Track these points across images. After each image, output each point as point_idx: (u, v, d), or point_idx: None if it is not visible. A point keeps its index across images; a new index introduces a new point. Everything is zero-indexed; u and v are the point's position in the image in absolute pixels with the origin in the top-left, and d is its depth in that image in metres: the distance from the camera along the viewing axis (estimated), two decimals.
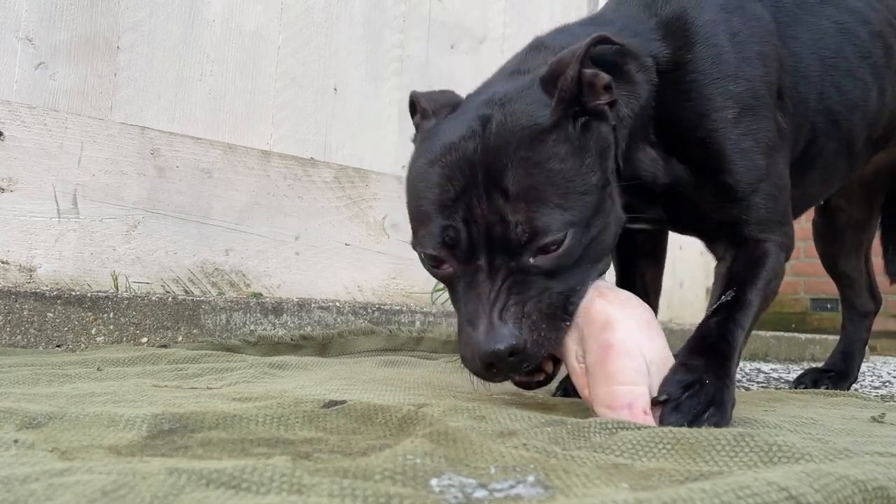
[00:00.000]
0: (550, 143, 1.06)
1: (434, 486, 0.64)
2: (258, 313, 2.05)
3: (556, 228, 1.02)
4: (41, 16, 2.08)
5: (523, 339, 1.00)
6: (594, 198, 1.08)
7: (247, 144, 2.45)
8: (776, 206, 1.30)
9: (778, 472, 0.66)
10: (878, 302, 2.18)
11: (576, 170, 1.07)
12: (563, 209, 1.04)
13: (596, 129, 1.13)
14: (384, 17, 2.82)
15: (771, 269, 1.28)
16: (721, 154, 1.26)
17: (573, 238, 1.04)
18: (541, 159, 1.05)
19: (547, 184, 1.04)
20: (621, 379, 1.00)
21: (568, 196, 1.05)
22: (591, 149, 1.11)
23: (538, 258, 1.04)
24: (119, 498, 0.56)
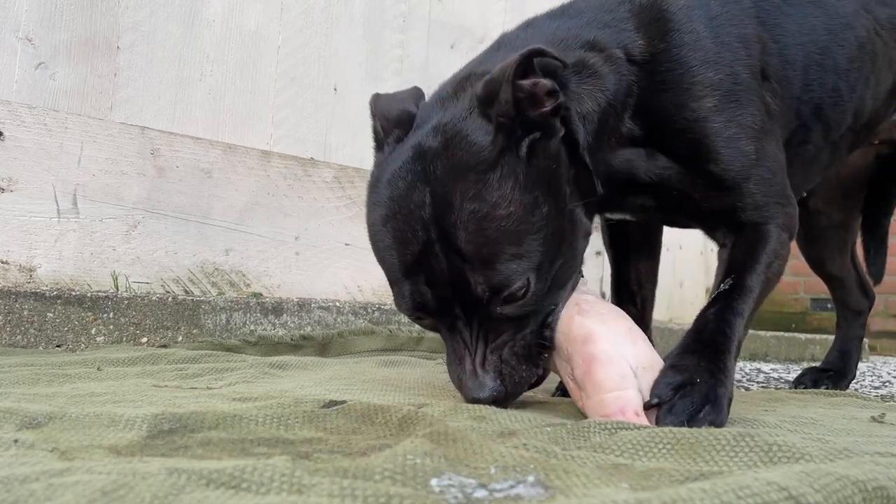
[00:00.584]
0: (496, 184, 1.03)
1: (434, 486, 0.64)
2: (258, 313, 2.05)
3: (515, 280, 1.03)
4: (41, 16, 2.08)
5: (502, 388, 1.06)
6: (551, 229, 1.06)
7: (247, 144, 2.45)
8: (771, 189, 1.27)
9: (778, 471, 0.66)
10: (871, 298, 2.19)
11: (527, 208, 1.04)
12: (520, 258, 1.03)
13: (542, 149, 1.08)
14: (384, 17, 2.83)
15: (771, 250, 1.25)
16: (704, 144, 1.23)
17: (536, 283, 1.05)
18: (488, 209, 1.02)
19: (499, 236, 1.03)
20: (608, 386, 1.02)
21: (522, 241, 1.04)
22: (542, 175, 1.07)
23: (505, 308, 1.05)
24: (119, 498, 0.56)
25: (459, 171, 1.04)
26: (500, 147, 1.05)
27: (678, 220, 1.44)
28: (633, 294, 1.60)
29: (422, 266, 1.06)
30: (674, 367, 1.07)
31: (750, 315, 1.20)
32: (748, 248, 1.26)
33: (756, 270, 1.22)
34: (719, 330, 1.14)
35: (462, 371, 1.08)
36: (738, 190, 1.25)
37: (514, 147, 1.06)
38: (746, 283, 1.20)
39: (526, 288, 1.04)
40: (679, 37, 1.24)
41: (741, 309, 1.17)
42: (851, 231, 2.13)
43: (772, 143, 1.30)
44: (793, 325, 5.18)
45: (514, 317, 1.07)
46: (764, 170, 1.26)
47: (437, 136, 1.08)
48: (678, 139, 1.24)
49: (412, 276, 1.08)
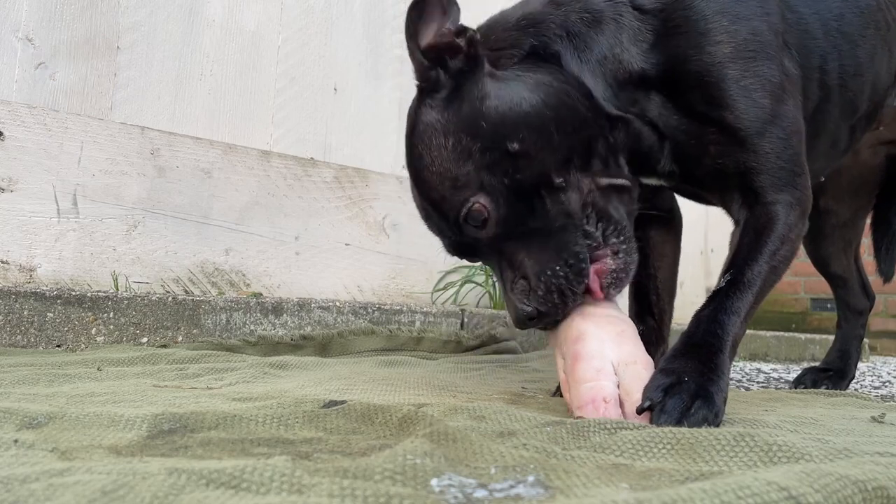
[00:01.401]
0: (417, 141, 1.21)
1: (434, 486, 0.64)
2: (258, 313, 2.05)
3: (461, 205, 1.15)
4: (41, 16, 2.08)
5: (532, 309, 1.13)
6: (485, 161, 1.14)
7: (247, 144, 2.45)
8: (786, 152, 1.23)
9: (778, 471, 0.66)
10: (872, 299, 2.20)
11: (450, 148, 1.16)
12: (461, 187, 1.15)
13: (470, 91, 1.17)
14: (384, 17, 2.82)
15: (778, 236, 1.22)
16: (719, 89, 1.21)
17: (489, 202, 1.15)
18: (422, 162, 1.20)
19: (439, 179, 1.17)
20: (583, 378, 1.07)
21: (457, 178, 1.15)
22: (464, 117, 1.16)
23: (483, 232, 1.16)
24: (119, 498, 0.56)
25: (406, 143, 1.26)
26: (417, 104, 1.23)
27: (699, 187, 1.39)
28: (650, 305, 1.56)
29: (434, 223, 1.23)
30: (663, 370, 1.07)
31: (749, 310, 1.19)
32: (753, 236, 1.23)
33: (758, 262, 1.21)
34: (710, 331, 1.14)
35: (505, 296, 1.19)
36: (751, 146, 1.22)
37: (429, 102, 1.21)
38: (745, 279, 1.19)
39: (482, 209, 1.15)
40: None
41: (736, 307, 1.16)
42: (858, 231, 2.13)
43: (790, 105, 1.27)
44: (793, 325, 5.18)
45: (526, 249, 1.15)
46: (780, 129, 1.23)
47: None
48: (693, 82, 1.23)
49: (437, 233, 1.24)
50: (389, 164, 2.81)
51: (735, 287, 1.18)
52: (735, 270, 1.21)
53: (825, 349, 3.59)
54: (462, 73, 1.19)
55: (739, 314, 1.16)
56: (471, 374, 1.63)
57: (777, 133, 1.23)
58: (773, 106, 1.23)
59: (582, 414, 1.04)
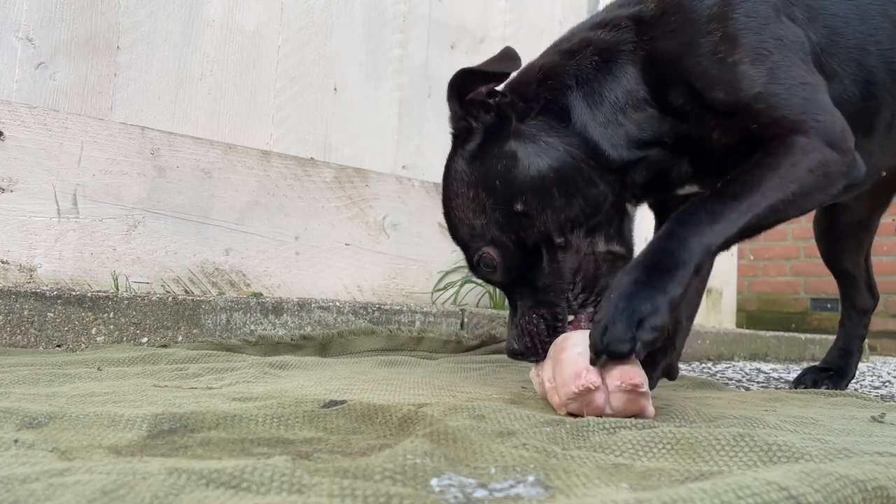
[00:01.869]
0: (451, 183, 1.32)
1: (434, 485, 0.64)
2: (258, 313, 2.05)
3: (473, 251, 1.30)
4: (41, 16, 2.08)
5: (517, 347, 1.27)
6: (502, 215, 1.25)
7: (247, 144, 2.45)
8: (792, 101, 1.18)
9: (778, 471, 0.66)
10: (877, 299, 2.20)
11: (469, 198, 1.29)
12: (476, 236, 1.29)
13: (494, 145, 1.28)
14: (384, 17, 2.82)
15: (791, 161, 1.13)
16: (708, 74, 1.21)
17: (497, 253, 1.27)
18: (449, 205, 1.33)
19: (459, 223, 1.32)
20: (568, 361, 1.11)
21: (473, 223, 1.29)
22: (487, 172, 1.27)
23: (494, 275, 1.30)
24: (119, 498, 0.56)
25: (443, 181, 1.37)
26: (453, 153, 1.33)
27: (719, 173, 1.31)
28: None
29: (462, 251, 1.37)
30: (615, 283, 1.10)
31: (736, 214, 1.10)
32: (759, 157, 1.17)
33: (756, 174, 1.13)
34: (669, 233, 1.09)
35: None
36: (747, 111, 1.19)
37: (461, 152, 1.31)
38: (730, 189, 1.12)
39: (493, 259, 1.27)
40: None
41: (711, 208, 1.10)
42: (871, 230, 2.13)
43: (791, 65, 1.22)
44: (793, 325, 5.18)
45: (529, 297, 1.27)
46: (775, 86, 1.19)
47: None
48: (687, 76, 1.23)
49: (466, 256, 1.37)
50: (389, 164, 2.81)
51: (716, 193, 1.12)
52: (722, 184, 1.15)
53: (825, 349, 3.59)
54: (492, 127, 1.29)
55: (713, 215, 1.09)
56: (471, 374, 1.63)
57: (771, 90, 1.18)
58: (761, 70, 1.20)
59: (565, 391, 1.08)
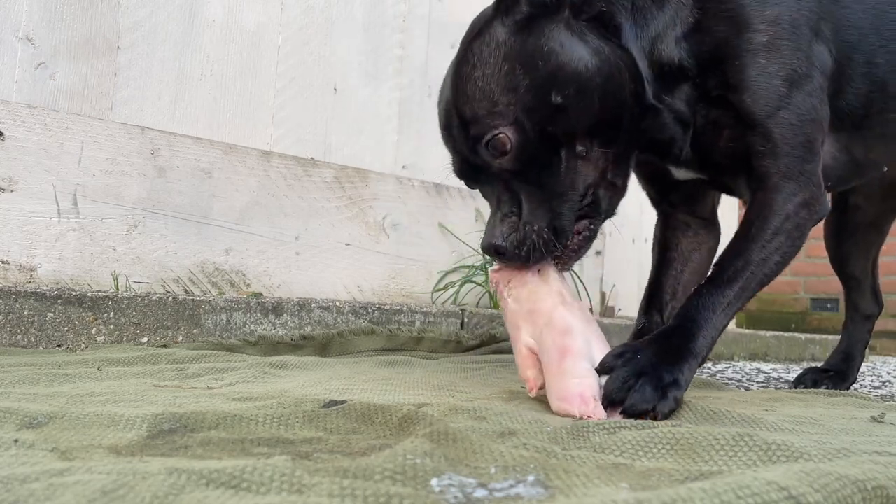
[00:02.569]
0: (476, 49, 1.20)
1: (434, 485, 0.64)
2: (258, 313, 2.05)
3: (488, 130, 1.17)
4: (41, 16, 2.08)
5: (505, 245, 1.18)
6: (532, 99, 1.16)
7: (247, 144, 2.45)
8: (797, 139, 1.26)
9: (778, 471, 0.66)
10: (881, 306, 2.18)
11: (502, 71, 1.17)
12: (493, 113, 1.17)
13: (540, 29, 1.18)
14: (384, 17, 2.82)
15: (772, 228, 1.25)
16: (744, 74, 1.26)
17: (515, 136, 1.16)
18: (469, 70, 1.19)
19: (477, 94, 1.18)
20: (573, 373, 1.09)
21: (497, 99, 1.16)
22: (528, 51, 1.17)
23: (498, 161, 1.18)
24: (119, 498, 0.56)
25: (460, 47, 1.25)
26: (491, 16, 1.22)
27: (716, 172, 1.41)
28: (662, 302, 1.57)
29: (453, 142, 1.24)
30: (625, 345, 1.14)
31: (729, 304, 1.21)
32: (747, 228, 1.27)
33: (743, 255, 1.24)
34: (679, 325, 1.18)
35: (488, 222, 1.23)
36: (761, 128, 1.25)
37: (504, 20, 1.20)
38: (726, 275, 1.22)
39: (508, 142, 1.16)
40: None
41: (711, 302, 1.20)
42: (882, 234, 2.11)
43: (811, 95, 1.29)
44: (793, 325, 5.18)
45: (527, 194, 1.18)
46: (793, 115, 1.26)
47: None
48: (723, 65, 1.26)
49: (452, 151, 1.26)
50: (389, 164, 2.81)
51: (713, 283, 1.22)
52: (718, 266, 1.25)
53: (825, 349, 3.59)
54: (544, 7, 1.20)
55: (714, 309, 1.19)
56: (471, 374, 1.63)
57: (789, 118, 1.26)
58: (790, 92, 1.26)
59: (564, 405, 1.08)
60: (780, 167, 1.26)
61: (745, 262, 1.23)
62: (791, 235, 1.27)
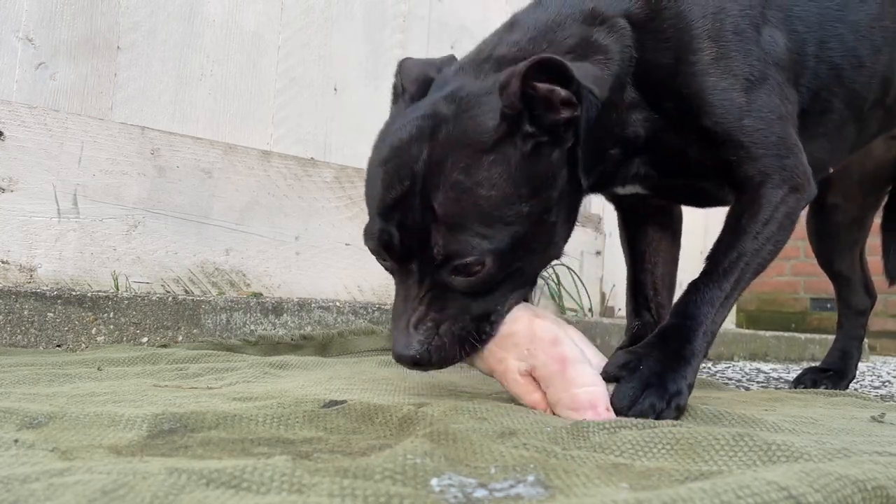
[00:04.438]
0: (486, 165, 1.07)
1: (434, 485, 0.64)
2: (258, 313, 2.05)
3: (471, 253, 1.06)
4: (41, 16, 2.08)
5: (427, 355, 1.09)
6: (524, 227, 1.09)
7: (247, 144, 2.45)
8: (768, 140, 1.24)
9: (777, 471, 0.66)
10: (874, 299, 2.17)
11: (507, 199, 1.07)
12: (484, 237, 1.06)
13: (546, 155, 1.10)
14: (384, 17, 2.82)
15: (761, 219, 1.24)
16: (700, 97, 1.22)
17: (492, 265, 1.07)
18: (472, 184, 1.06)
19: (472, 211, 1.06)
20: (581, 381, 1.07)
21: (492, 225, 1.06)
22: (535, 177, 1.09)
23: (456, 279, 1.08)
24: (119, 498, 0.56)
25: (459, 142, 1.08)
26: (501, 134, 1.08)
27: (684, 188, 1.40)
28: (648, 300, 1.57)
29: (398, 210, 1.09)
30: (627, 351, 1.13)
31: (727, 298, 1.20)
32: (735, 221, 1.26)
33: (736, 248, 1.22)
34: (678, 323, 1.17)
35: (396, 325, 1.11)
36: (729, 143, 1.23)
37: (516, 140, 1.09)
38: (721, 268, 1.21)
39: (480, 267, 1.07)
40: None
41: (708, 297, 1.19)
42: (865, 229, 2.10)
43: (771, 93, 1.27)
44: (793, 325, 5.18)
45: (462, 294, 1.10)
46: (756, 119, 1.24)
47: (452, 105, 1.12)
48: (676, 93, 1.23)
49: (386, 217, 1.11)
50: None
51: (709, 277, 1.21)
52: (712, 260, 1.24)
53: (825, 349, 3.58)
54: (556, 134, 1.11)
55: (712, 304, 1.18)
56: (471, 374, 1.63)
57: (754, 124, 1.24)
58: (749, 99, 1.24)
59: (577, 416, 1.05)
60: (758, 169, 1.25)
61: (738, 254, 1.22)
62: (782, 224, 1.26)
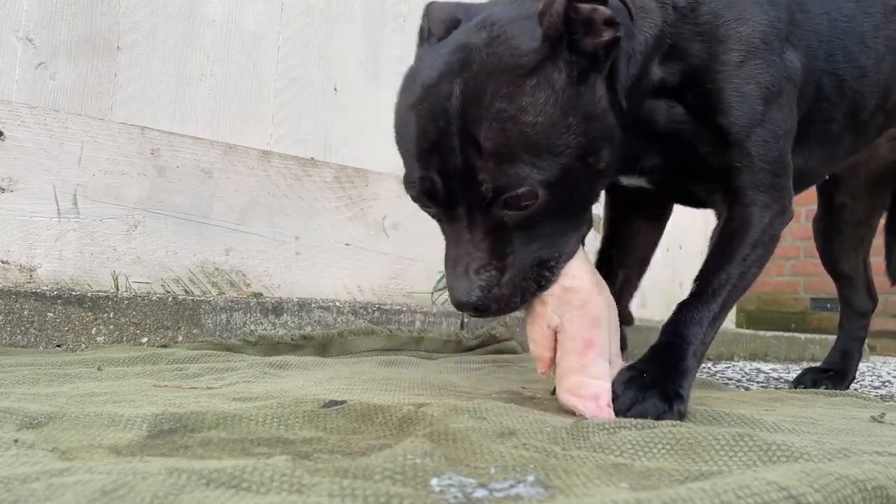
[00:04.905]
0: (529, 90, 1.02)
1: (434, 485, 0.64)
2: (258, 313, 2.05)
3: (522, 184, 1.02)
4: (41, 16, 2.08)
5: (488, 302, 1.06)
6: (571, 161, 1.05)
7: (247, 144, 2.45)
8: (770, 154, 1.28)
9: (777, 471, 0.66)
10: (875, 301, 2.18)
11: (555, 126, 1.03)
12: (534, 167, 1.02)
13: (591, 86, 1.06)
14: (384, 17, 2.82)
15: (750, 242, 1.28)
16: (721, 96, 1.26)
17: (544, 197, 1.04)
18: (516, 111, 1.01)
19: (520, 140, 1.01)
20: (594, 373, 1.10)
21: (541, 155, 1.02)
22: (581, 104, 1.05)
23: (509, 213, 1.04)
24: (119, 498, 0.56)
25: (496, 69, 1.03)
26: (543, 56, 1.03)
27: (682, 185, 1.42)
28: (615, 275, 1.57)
29: (437, 154, 1.05)
30: (628, 367, 1.16)
31: (715, 317, 1.24)
32: (726, 241, 1.29)
33: (725, 269, 1.26)
34: (671, 343, 1.20)
35: (454, 271, 1.07)
36: (738, 147, 1.27)
37: (559, 63, 1.04)
38: (710, 289, 1.25)
39: (533, 200, 1.03)
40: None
41: (698, 317, 1.22)
42: (871, 230, 2.10)
43: (781, 108, 1.31)
44: (793, 325, 5.18)
45: (518, 237, 1.06)
46: (766, 132, 1.28)
47: (482, 33, 1.07)
48: (701, 88, 1.26)
49: (425, 162, 1.06)
50: (389, 164, 2.81)
51: (698, 298, 1.25)
52: (702, 281, 1.28)
53: (825, 349, 3.58)
54: (595, 60, 1.07)
55: (701, 324, 1.22)
56: (471, 374, 1.63)
57: (764, 135, 1.28)
58: (763, 109, 1.28)
59: (574, 401, 1.08)
60: (754, 181, 1.29)
61: (727, 276, 1.26)
62: (767, 246, 1.31)
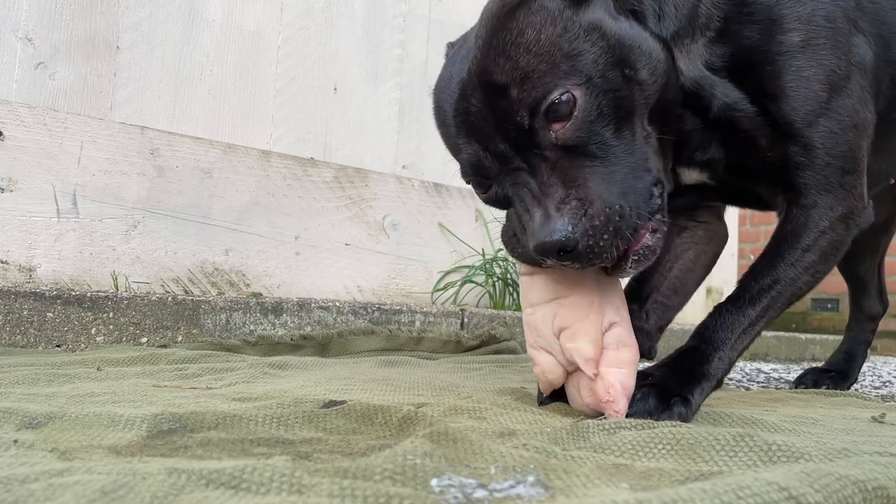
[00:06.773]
0: (522, 17, 1.00)
1: (434, 486, 0.63)
2: (258, 313, 2.05)
3: (552, 89, 0.96)
4: (41, 16, 2.08)
5: (575, 236, 0.94)
6: (594, 61, 0.99)
7: (247, 144, 2.45)
8: (838, 148, 1.17)
9: (778, 471, 0.66)
10: (886, 305, 2.18)
11: (560, 35, 0.99)
12: (556, 70, 0.97)
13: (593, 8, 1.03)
14: (384, 17, 2.82)
15: (803, 246, 1.17)
16: (780, 80, 1.15)
17: (583, 98, 0.97)
18: (516, 35, 0.99)
19: (530, 57, 0.98)
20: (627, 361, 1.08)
21: (556, 61, 0.98)
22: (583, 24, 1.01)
23: (558, 130, 0.98)
24: (119, 498, 0.56)
25: (489, 21, 1.04)
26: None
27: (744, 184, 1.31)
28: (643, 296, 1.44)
29: (472, 130, 1.03)
30: (641, 373, 1.12)
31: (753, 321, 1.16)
32: (778, 244, 1.19)
33: (769, 275, 1.17)
34: (695, 346, 1.15)
35: (532, 216, 0.97)
36: (800, 138, 1.16)
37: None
38: (749, 294, 1.16)
39: (572, 101, 0.96)
40: None
41: (729, 322, 1.15)
42: (889, 235, 2.10)
43: (852, 97, 1.20)
44: (793, 325, 5.18)
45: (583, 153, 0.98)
46: (834, 122, 1.17)
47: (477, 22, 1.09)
48: (757, 70, 1.17)
49: (466, 141, 1.04)
50: (389, 164, 2.81)
51: (734, 302, 1.17)
52: (741, 285, 1.19)
53: (825, 349, 3.59)
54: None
55: (733, 329, 1.14)
56: (471, 374, 1.63)
57: (830, 126, 1.16)
58: (828, 97, 1.16)
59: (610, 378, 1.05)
60: (818, 179, 1.18)
61: (772, 281, 1.17)
62: (825, 253, 1.20)
